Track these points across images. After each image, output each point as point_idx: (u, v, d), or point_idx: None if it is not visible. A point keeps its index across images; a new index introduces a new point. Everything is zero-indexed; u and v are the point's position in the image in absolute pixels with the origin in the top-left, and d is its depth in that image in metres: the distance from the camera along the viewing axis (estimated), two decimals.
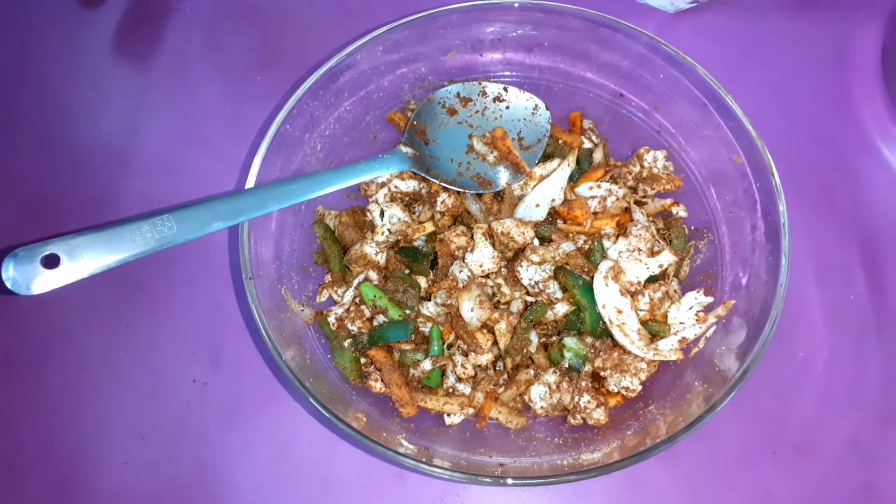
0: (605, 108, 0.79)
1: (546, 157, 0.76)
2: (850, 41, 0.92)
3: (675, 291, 0.70)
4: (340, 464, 0.71)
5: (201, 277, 0.79)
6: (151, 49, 0.90)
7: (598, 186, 0.73)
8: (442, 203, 0.72)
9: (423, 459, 0.58)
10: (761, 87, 0.88)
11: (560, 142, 0.77)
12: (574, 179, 0.75)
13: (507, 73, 0.79)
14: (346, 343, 0.69)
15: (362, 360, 0.70)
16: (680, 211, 0.75)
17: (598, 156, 0.77)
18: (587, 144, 0.77)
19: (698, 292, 0.69)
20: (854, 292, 0.79)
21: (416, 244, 0.73)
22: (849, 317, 0.78)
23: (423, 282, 0.71)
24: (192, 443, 0.73)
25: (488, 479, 0.57)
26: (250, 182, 0.66)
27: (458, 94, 0.76)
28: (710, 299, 0.69)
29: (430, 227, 0.72)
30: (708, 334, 0.68)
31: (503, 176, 0.74)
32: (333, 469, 0.71)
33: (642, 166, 0.74)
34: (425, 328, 0.69)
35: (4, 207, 0.83)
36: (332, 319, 0.70)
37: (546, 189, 0.72)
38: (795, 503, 0.71)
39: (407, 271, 0.72)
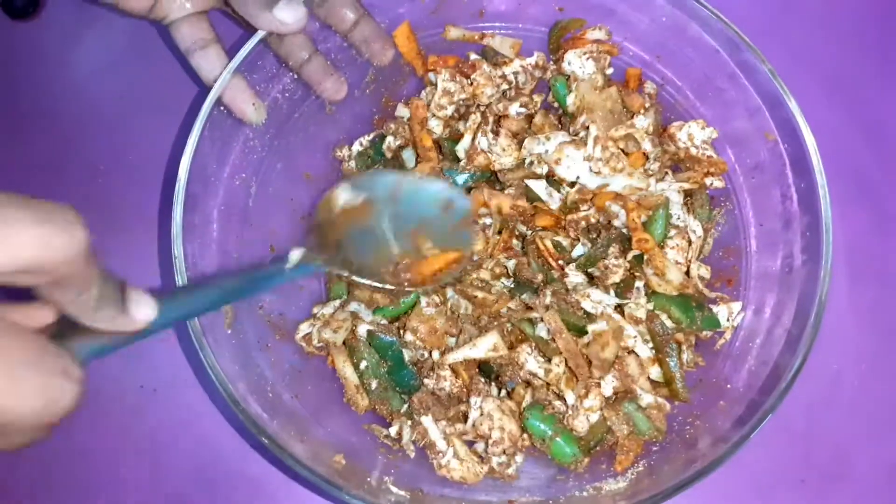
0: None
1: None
2: None
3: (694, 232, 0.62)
4: None
5: None
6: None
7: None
8: None
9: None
10: (798, 52, 0.76)
11: None
12: None
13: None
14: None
15: None
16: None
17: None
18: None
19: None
20: None
21: None
22: (890, 323, 0.69)
23: None
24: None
25: None
26: (182, 171, 0.54)
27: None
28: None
29: None
30: (734, 322, 0.59)
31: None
32: None
33: (677, 146, 0.62)
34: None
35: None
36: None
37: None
38: None
39: None
